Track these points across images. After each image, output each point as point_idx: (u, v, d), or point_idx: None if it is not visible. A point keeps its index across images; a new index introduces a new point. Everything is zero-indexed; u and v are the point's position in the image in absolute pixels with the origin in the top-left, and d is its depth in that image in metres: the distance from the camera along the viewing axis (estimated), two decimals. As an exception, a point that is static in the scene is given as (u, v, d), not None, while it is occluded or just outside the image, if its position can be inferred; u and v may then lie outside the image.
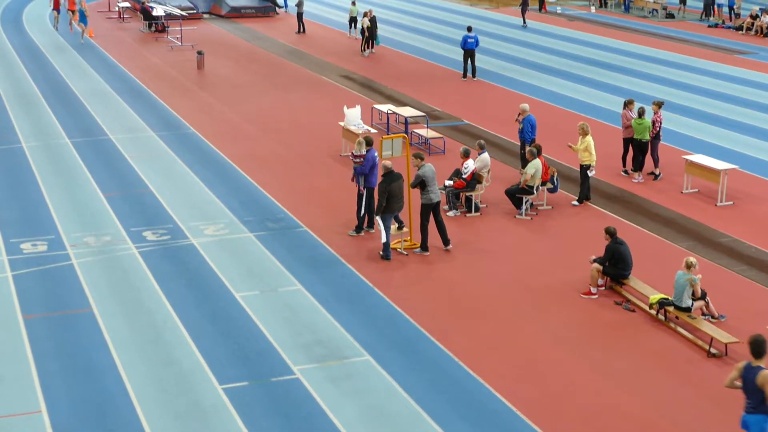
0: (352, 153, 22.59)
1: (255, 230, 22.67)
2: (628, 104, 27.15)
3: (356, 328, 17.82)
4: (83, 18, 49.11)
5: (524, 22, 56.47)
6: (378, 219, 20.91)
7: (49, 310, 18.44)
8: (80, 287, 19.43)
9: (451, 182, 24.01)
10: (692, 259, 18.04)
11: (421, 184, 21.33)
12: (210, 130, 31.63)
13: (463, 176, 23.68)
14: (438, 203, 21.57)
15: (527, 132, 26.64)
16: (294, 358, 16.65)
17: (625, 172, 27.28)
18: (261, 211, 24.01)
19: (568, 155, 27.38)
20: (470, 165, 23.72)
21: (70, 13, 50.72)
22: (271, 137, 30.90)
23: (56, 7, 51.13)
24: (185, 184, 26.17)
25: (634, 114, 26.66)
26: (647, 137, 26.45)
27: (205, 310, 18.55)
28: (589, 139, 24.64)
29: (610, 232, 19.54)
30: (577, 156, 24.86)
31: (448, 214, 23.63)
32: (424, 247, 21.57)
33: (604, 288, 19.61)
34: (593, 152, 24.58)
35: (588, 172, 24.71)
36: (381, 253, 21.11)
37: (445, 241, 21.70)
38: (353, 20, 52.42)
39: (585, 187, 24.89)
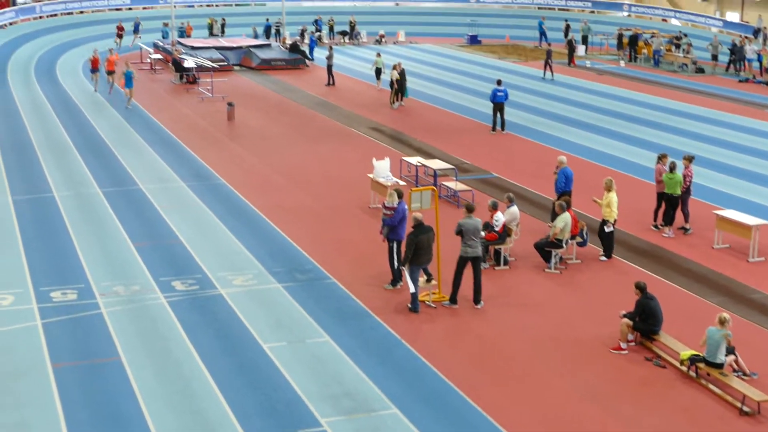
0: (384, 204, 22.60)
1: (283, 281, 22.67)
2: (661, 158, 27.09)
3: (384, 381, 17.73)
4: (130, 82, 45.42)
5: (545, 75, 57.03)
6: (405, 270, 20.85)
7: (77, 359, 18.45)
8: (109, 336, 19.44)
9: (483, 234, 23.94)
10: (725, 315, 17.88)
11: (460, 233, 21.31)
12: (239, 181, 31.76)
13: (495, 229, 23.62)
14: (474, 258, 21.37)
15: (560, 183, 26.60)
16: (321, 410, 16.57)
17: (656, 226, 27.16)
18: (289, 262, 24.01)
19: (597, 209, 27.27)
20: (501, 217, 23.67)
21: (109, 75, 49.45)
22: (300, 188, 30.98)
23: (95, 67, 49.93)
24: (214, 234, 26.24)
25: (667, 168, 26.60)
26: (678, 192, 26.37)
27: (233, 360, 18.51)
28: (613, 195, 24.59)
29: (641, 287, 19.41)
30: (601, 211, 24.86)
31: (477, 267, 23.58)
32: (452, 299, 21.47)
33: (634, 343, 19.44)
34: (614, 208, 24.52)
35: (605, 227, 24.60)
36: (409, 305, 21.05)
37: (476, 300, 21.54)
38: (378, 71, 52.97)
39: (610, 242, 24.79)
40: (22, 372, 17.83)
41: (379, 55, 54.09)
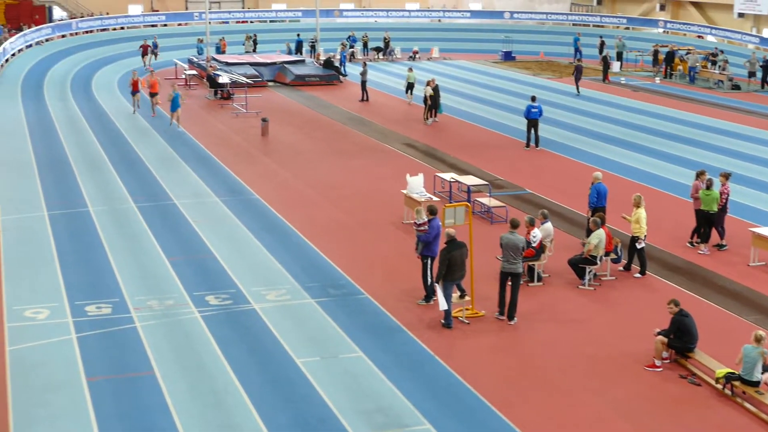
0: (415, 222, 22.59)
1: (316, 296, 22.69)
2: (699, 175, 26.97)
3: (417, 397, 17.69)
4: (176, 104, 43.71)
5: (578, 91, 57.14)
6: (437, 286, 20.81)
7: (112, 373, 18.52)
8: (143, 350, 19.51)
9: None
10: (762, 333, 17.72)
11: (504, 249, 21.45)
12: (273, 196, 31.84)
13: (532, 245, 23.55)
14: (512, 275, 21.39)
15: (592, 199, 26.53)
16: (354, 426, 16.54)
17: (691, 243, 27.00)
18: (323, 278, 24.03)
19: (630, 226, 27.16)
20: (538, 234, 23.61)
21: (152, 97, 47.60)
22: (334, 204, 31.03)
23: (135, 89, 48.14)
24: (248, 249, 26.31)
25: (704, 185, 26.46)
26: (715, 209, 26.22)
27: (266, 375, 18.53)
28: (641, 211, 24.52)
29: (675, 305, 19.29)
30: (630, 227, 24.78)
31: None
32: (501, 312, 21.66)
33: (668, 361, 19.31)
34: (644, 224, 24.44)
35: (636, 243, 24.50)
36: (442, 321, 21.01)
37: (510, 315, 21.49)
38: (410, 86, 53.31)
39: (642, 258, 24.67)
40: (57, 385, 17.93)
41: (411, 69, 54.42)
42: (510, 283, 21.44)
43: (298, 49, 72.81)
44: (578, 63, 59.62)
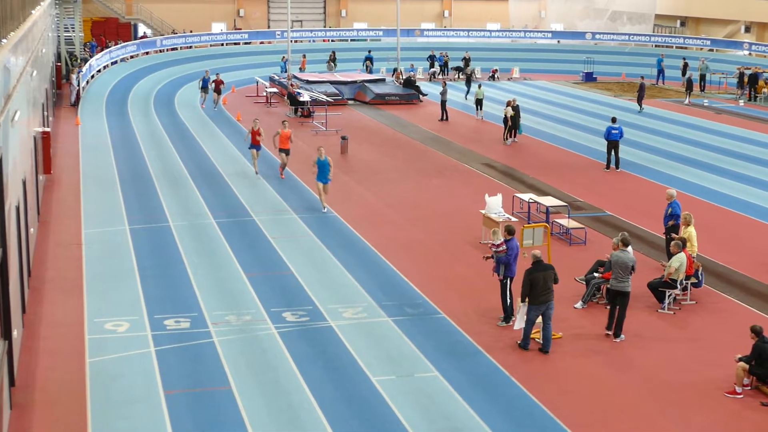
0: (492, 243, 22.50)
1: (393, 315, 22.69)
2: None
3: (492, 418, 17.60)
4: (325, 172, 32.13)
5: (641, 108, 57.67)
6: (521, 306, 20.61)
7: (189, 387, 18.68)
8: (220, 365, 19.65)
9: (599, 273, 23.69)
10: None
11: (607, 266, 21.63)
12: (351, 213, 31.93)
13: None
14: (620, 293, 21.49)
15: (665, 217, 26.37)
16: (429, 446, 16.52)
17: (774, 268, 26.60)
18: (399, 296, 24.03)
19: (714, 250, 26.85)
20: (623, 256, 23.41)
21: (283, 153, 37.33)
22: (412, 223, 31.03)
23: (255, 142, 38.20)
24: (325, 266, 26.40)
25: None
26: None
27: (341, 392, 18.56)
28: (692, 229, 24.32)
29: (756, 331, 18.98)
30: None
31: (575, 306, 23.35)
32: (609, 327, 21.68)
33: (749, 388, 19.00)
34: (695, 243, 24.29)
35: None
36: (519, 342, 20.87)
37: (617, 333, 21.54)
38: (479, 102, 54.44)
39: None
40: (135, 398, 18.12)
41: (480, 86, 54.87)
42: (618, 302, 21.50)
43: (368, 66, 73.36)
44: (642, 81, 59.84)
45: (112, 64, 72.13)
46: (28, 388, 18.57)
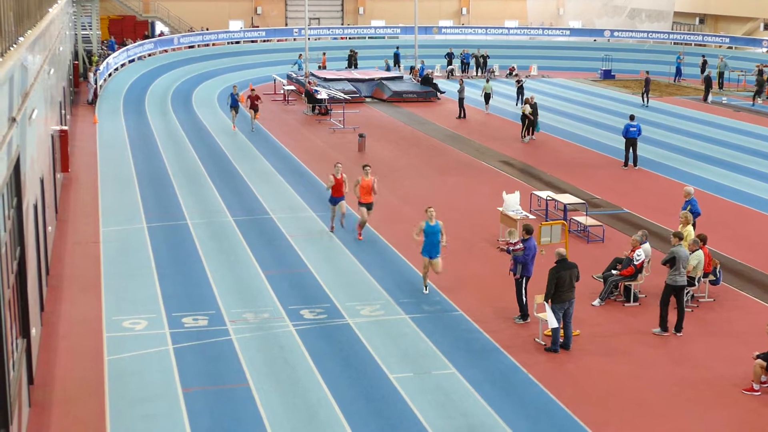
0: (508, 243, 22.42)
1: (411, 312, 22.68)
2: None
3: (509, 415, 17.58)
4: (435, 248, 25.45)
5: (645, 103, 58.98)
6: (547, 306, 20.53)
7: (207, 384, 18.71)
8: (238, 362, 19.68)
9: (617, 271, 23.64)
10: None
11: (671, 261, 21.33)
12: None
13: (635, 264, 23.30)
14: (682, 287, 21.51)
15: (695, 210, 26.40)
16: (446, 443, 16.51)
17: (793, 266, 26.48)
18: (417, 294, 24.02)
19: (732, 247, 26.75)
20: (642, 254, 23.36)
21: (365, 210, 28.91)
22: (429, 220, 30.94)
23: (338, 194, 29.41)
24: (343, 264, 26.41)
25: None
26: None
27: (359, 390, 18.56)
28: (690, 228, 24.23)
29: (775, 329, 18.93)
30: None
31: (593, 303, 23.30)
32: (662, 327, 21.57)
33: (767, 385, 18.93)
34: (689, 241, 24.21)
35: None
36: (547, 347, 20.70)
37: (678, 328, 21.59)
38: (488, 97, 55.48)
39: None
40: (153, 395, 18.17)
41: (488, 80, 55.29)
42: (676, 296, 21.58)
43: (396, 62, 73.37)
44: (647, 76, 60.61)
45: (130, 62, 72.29)
46: (47, 386, 18.63)
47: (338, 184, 29.05)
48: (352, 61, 75.44)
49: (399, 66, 74.46)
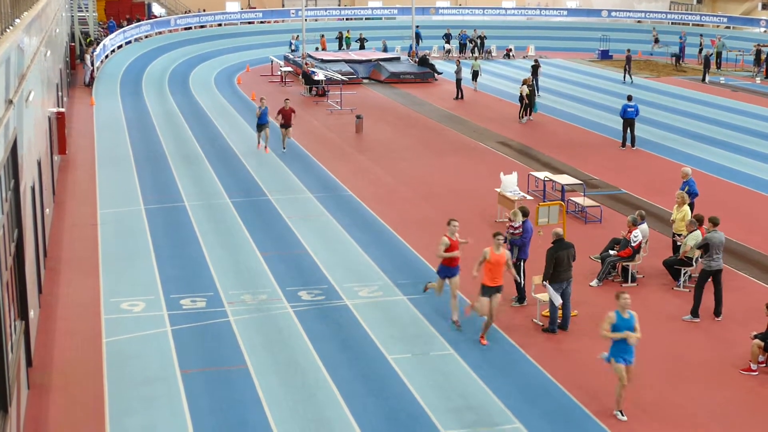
0: (511, 225, 22.35)
1: (409, 293, 22.69)
2: None
3: (508, 396, 17.61)
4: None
5: (625, 79, 60.22)
6: (547, 285, 20.53)
7: (205, 366, 18.73)
8: (236, 344, 19.70)
9: (615, 251, 23.65)
10: None
11: (705, 248, 21.38)
12: (366, 192, 31.92)
13: (632, 245, 23.32)
14: (719, 272, 21.48)
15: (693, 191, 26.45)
16: (444, 423, 16.53)
17: (790, 246, 26.51)
18: (415, 275, 24.03)
19: (730, 228, 26.75)
20: (639, 235, 23.37)
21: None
22: (427, 201, 31.00)
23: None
24: (341, 245, 26.41)
25: None
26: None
27: (357, 371, 18.58)
28: (686, 208, 24.32)
29: (773, 309, 18.95)
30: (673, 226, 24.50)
31: (590, 284, 23.32)
32: (694, 312, 21.55)
33: (765, 365, 18.96)
34: (686, 221, 24.29)
35: (677, 241, 24.27)
36: (545, 327, 20.71)
37: (717, 312, 21.58)
38: (476, 74, 56.28)
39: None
40: (152, 377, 18.19)
41: (476, 58, 55.56)
42: (714, 281, 21.59)
43: (418, 41, 73.57)
44: (628, 54, 61.66)
45: (126, 43, 72.12)
46: (46, 369, 18.65)
47: (453, 248, 21.09)
48: (342, 43, 75.25)
49: (419, 43, 74.56)
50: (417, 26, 75.39)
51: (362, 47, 74.13)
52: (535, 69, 54.92)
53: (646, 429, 16.65)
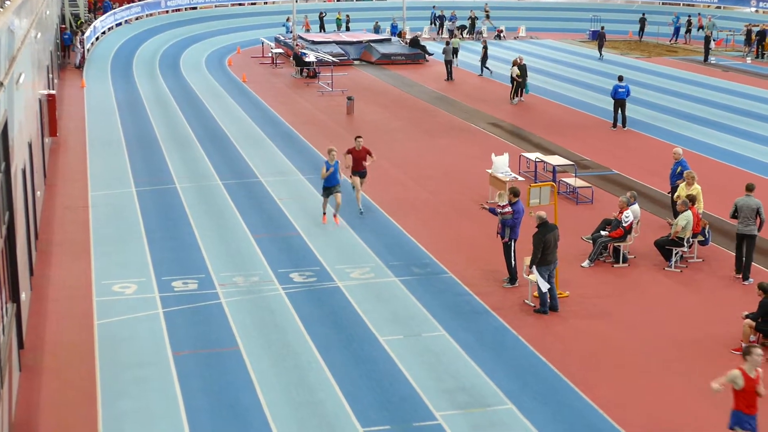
0: (498, 205, 22.36)
1: (400, 275, 22.72)
2: None
3: (500, 376, 17.65)
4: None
5: (601, 55, 61.94)
6: (534, 270, 20.59)
7: (197, 348, 18.75)
8: (228, 326, 19.72)
9: (606, 232, 23.68)
10: None
11: (735, 212, 22.61)
12: (358, 174, 31.87)
13: (623, 225, 23.35)
14: (748, 236, 22.56)
15: (672, 176, 26.39)
16: (436, 404, 16.57)
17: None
18: (406, 256, 24.06)
19: (721, 207, 26.80)
20: (630, 215, 23.41)
21: None
22: (418, 183, 31.01)
23: None
24: (332, 227, 26.39)
25: None
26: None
27: (349, 352, 18.61)
28: (698, 186, 24.45)
29: (764, 288, 18.97)
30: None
31: (582, 265, 23.37)
32: (744, 275, 22.72)
33: (756, 345, 18.99)
34: (701, 200, 24.51)
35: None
36: (536, 308, 20.73)
37: (746, 276, 22.57)
38: (455, 51, 56.08)
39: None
40: (144, 359, 18.20)
41: (454, 36, 56.72)
42: (746, 244, 22.51)
43: (433, 22, 73.38)
44: (602, 31, 63.74)
45: (117, 26, 71.88)
46: (37, 351, 18.66)
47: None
48: (324, 25, 75.16)
49: (436, 24, 74.82)
50: (434, 6, 75.47)
51: (347, 28, 74.00)
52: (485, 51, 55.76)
53: (633, 404, 16.70)
